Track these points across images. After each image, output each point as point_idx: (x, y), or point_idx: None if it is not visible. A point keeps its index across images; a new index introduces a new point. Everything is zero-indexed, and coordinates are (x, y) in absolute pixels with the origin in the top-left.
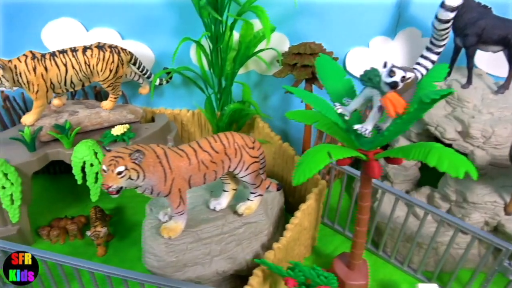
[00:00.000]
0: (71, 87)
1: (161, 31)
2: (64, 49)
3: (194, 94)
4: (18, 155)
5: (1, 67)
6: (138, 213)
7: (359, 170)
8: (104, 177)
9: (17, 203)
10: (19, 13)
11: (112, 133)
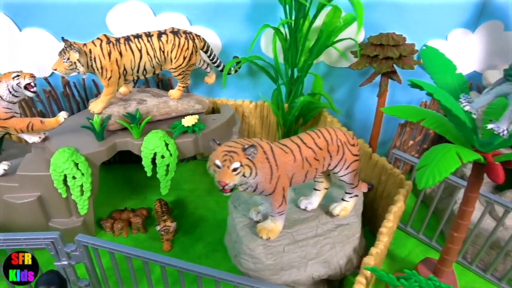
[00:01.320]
0: (143, 74)
1: (231, 18)
2: (139, 34)
3: (258, 85)
4: (86, 144)
5: (77, 51)
6: (200, 208)
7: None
8: (219, 174)
9: (87, 195)
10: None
11: (182, 124)
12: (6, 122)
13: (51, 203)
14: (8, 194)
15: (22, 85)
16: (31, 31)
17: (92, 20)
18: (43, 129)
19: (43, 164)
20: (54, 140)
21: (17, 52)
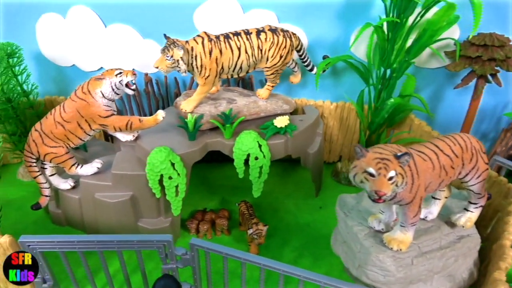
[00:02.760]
0: (237, 73)
1: (320, 16)
2: (237, 31)
3: (339, 85)
4: (178, 144)
5: (181, 48)
6: (279, 210)
7: None
8: (375, 183)
9: (181, 195)
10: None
11: (275, 125)
12: (106, 120)
13: (142, 203)
14: (100, 193)
15: (124, 83)
16: (116, 27)
17: (178, 17)
18: (141, 127)
19: (136, 163)
20: (146, 139)
21: (101, 47)
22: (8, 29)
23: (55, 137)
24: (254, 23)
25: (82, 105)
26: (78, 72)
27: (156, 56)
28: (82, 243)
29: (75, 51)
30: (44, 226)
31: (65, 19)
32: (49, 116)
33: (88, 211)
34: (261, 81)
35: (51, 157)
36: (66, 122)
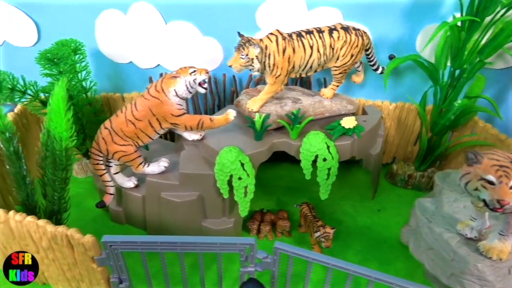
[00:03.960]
0: (306, 72)
1: (386, 14)
2: (310, 30)
3: (398, 85)
4: (244, 144)
5: (257, 47)
6: (337, 212)
7: None
8: (498, 192)
9: (250, 196)
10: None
11: (342, 126)
12: (178, 119)
13: (207, 203)
14: (167, 192)
15: (198, 81)
16: (176, 24)
17: (240, 14)
18: (212, 127)
19: (202, 162)
20: (212, 138)
21: (160, 44)
22: (67, 25)
23: (125, 135)
24: (319, 21)
25: (155, 104)
26: (135, 69)
27: (215, 54)
28: (165, 244)
29: (133, 48)
30: (104, 223)
31: (126, 16)
32: (120, 114)
33: (151, 210)
34: (318, 80)
35: (120, 155)
36: (138, 121)
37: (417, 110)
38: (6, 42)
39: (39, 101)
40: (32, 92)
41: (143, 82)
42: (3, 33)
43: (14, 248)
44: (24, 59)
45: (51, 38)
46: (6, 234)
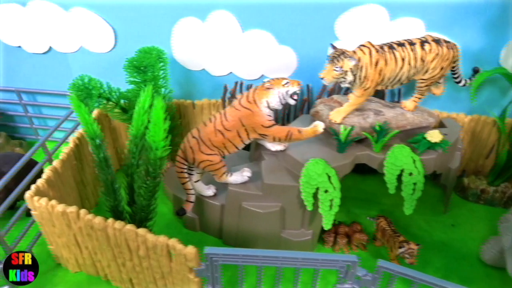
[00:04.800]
0: (393, 84)
1: (469, 25)
2: (401, 42)
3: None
4: (327, 155)
5: (353, 60)
6: (411, 226)
7: None
8: None
9: (335, 210)
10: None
11: (428, 139)
12: (268, 130)
13: (288, 214)
14: (249, 202)
15: (290, 93)
16: (253, 32)
17: (318, 24)
18: (300, 139)
19: (285, 174)
20: (294, 150)
21: (235, 52)
22: (143, 32)
23: (212, 145)
24: (402, 32)
25: (246, 114)
26: (207, 76)
27: (289, 62)
28: (266, 258)
29: (207, 55)
30: (177, 230)
31: (204, 23)
32: (209, 124)
33: (230, 219)
34: (391, 91)
35: (206, 164)
36: (227, 131)
37: (494, 123)
38: (83, 48)
39: (119, 108)
40: (114, 99)
41: (214, 89)
42: (80, 39)
43: (106, 255)
44: (98, 65)
45: (126, 45)
46: (101, 241)
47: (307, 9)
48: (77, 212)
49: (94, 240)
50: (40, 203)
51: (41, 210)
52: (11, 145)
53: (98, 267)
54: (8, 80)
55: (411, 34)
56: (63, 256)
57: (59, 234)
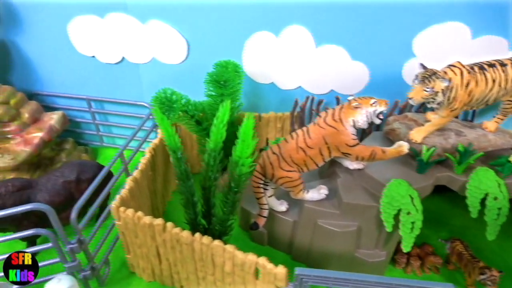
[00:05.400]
0: (479, 105)
1: None
2: (491, 62)
3: None
4: (406, 176)
5: (446, 81)
6: (484, 250)
7: None
8: None
9: (416, 232)
10: (394, 15)
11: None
12: (352, 149)
13: (365, 234)
14: (324, 220)
15: (377, 113)
16: (326, 47)
17: (395, 41)
18: (383, 158)
19: (363, 193)
20: (372, 169)
21: (305, 67)
22: (215, 45)
23: (292, 162)
24: (484, 51)
25: (331, 133)
26: (275, 90)
27: (360, 78)
28: (358, 282)
29: (277, 68)
30: (245, 243)
31: (277, 38)
32: (291, 141)
33: (303, 236)
34: None
35: (285, 180)
36: (309, 148)
37: None
38: (155, 59)
39: (194, 120)
40: (191, 111)
41: (280, 102)
42: (153, 50)
43: (187, 268)
44: (168, 76)
45: (197, 57)
46: (185, 254)
47: (385, 26)
48: (164, 224)
49: (178, 253)
50: (126, 214)
51: (126, 221)
52: (78, 151)
53: (175, 278)
54: (79, 88)
55: (493, 53)
56: (139, 266)
57: (140, 244)
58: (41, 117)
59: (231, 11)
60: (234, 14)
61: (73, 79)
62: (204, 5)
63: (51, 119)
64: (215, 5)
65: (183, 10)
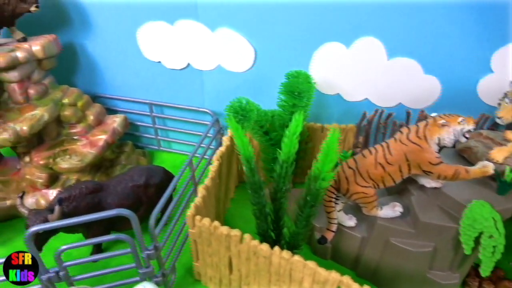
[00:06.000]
0: None
1: None
2: None
3: None
4: (486, 197)
5: None
6: None
7: None
8: None
9: (497, 257)
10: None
11: None
12: (435, 168)
13: (439, 255)
14: (398, 238)
15: (464, 131)
16: (398, 60)
17: (471, 53)
18: (466, 178)
19: (440, 212)
20: (449, 187)
21: (374, 79)
22: (281, 54)
23: (369, 177)
24: None
25: (414, 150)
26: (339, 101)
27: (431, 93)
28: None
29: (345, 80)
30: (307, 256)
31: (348, 49)
32: (369, 156)
33: (372, 253)
34: None
35: (360, 196)
36: (389, 165)
37: None
38: (220, 66)
39: (264, 130)
40: (262, 121)
41: (344, 114)
42: (220, 57)
43: (259, 280)
44: (231, 83)
45: (263, 66)
46: (260, 266)
47: (463, 40)
48: (241, 236)
49: (252, 265)
50: (202, 223)
51: (202, 229)
52: (136, 154)
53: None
54: (141, 92)
55: None
56: (206, 274)
57: (212, 253)
58: (105, 119)
59: (301, 22)
60: (304, 25)
61: (136, 83)
62: (275, 16)
63: (114, 122)
64: (286, 15)
65: (254, 19)
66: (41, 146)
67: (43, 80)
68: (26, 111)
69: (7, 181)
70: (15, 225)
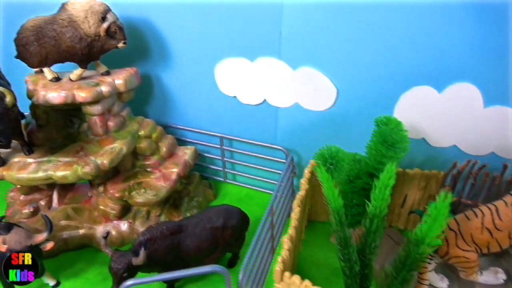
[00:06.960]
0: None
1: None
2: None
3: None
4: None
5: None
6: None
7: None
8: None
9: None
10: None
11: None
12: None
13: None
14: None
15: None
16: (495, 109)
17: None
18: None
19: None
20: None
21: (471, 127)
22: (364, 95)
23: (473, 241)
24: None
25: None
26: (424, 146)
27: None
28: None
29: (432, 125)
30: None
31: (440, 94)
32: (474, 219)
33: None
34: None
35: (460, 260)
36: (497, 230)
37: None
38: (297, 104)
39: (348, 179)
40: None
41: (426, 159)
42: (298, 95)
43: None
44: (306, 122)
45: (343, 105)
46: None
47: None
48: None
49: None
50: (292, 280)
51: (290, 287)
52: (203, 185)
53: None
54: (211, 124)
55: None
56: None
57: None
58: (176, 151)
59: (390, 63)
60: (393, 66)
61: (208, 115)
62: (361, 56)
63: (185, 154)
64: (373, 56)
65: (339, 59)
66: (116, 178)
67: (121, 112)
68: (105, 144)
69: (80, 209)
70: (87, 255)
